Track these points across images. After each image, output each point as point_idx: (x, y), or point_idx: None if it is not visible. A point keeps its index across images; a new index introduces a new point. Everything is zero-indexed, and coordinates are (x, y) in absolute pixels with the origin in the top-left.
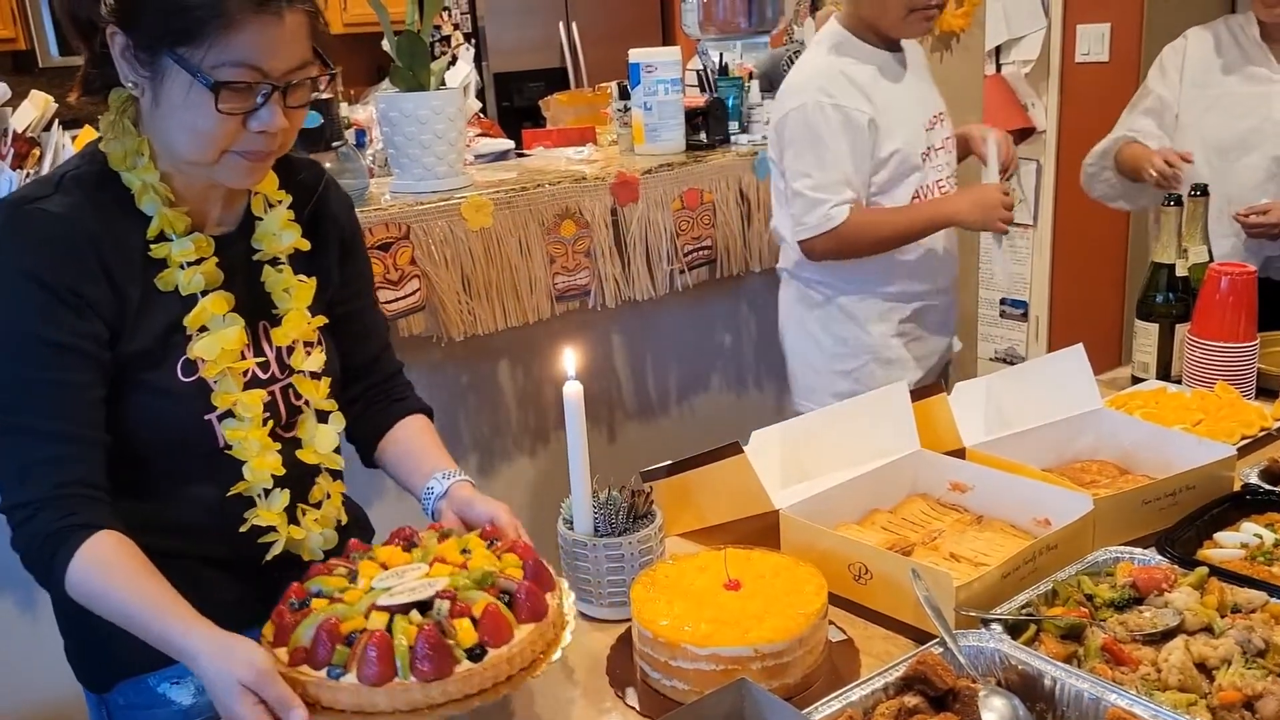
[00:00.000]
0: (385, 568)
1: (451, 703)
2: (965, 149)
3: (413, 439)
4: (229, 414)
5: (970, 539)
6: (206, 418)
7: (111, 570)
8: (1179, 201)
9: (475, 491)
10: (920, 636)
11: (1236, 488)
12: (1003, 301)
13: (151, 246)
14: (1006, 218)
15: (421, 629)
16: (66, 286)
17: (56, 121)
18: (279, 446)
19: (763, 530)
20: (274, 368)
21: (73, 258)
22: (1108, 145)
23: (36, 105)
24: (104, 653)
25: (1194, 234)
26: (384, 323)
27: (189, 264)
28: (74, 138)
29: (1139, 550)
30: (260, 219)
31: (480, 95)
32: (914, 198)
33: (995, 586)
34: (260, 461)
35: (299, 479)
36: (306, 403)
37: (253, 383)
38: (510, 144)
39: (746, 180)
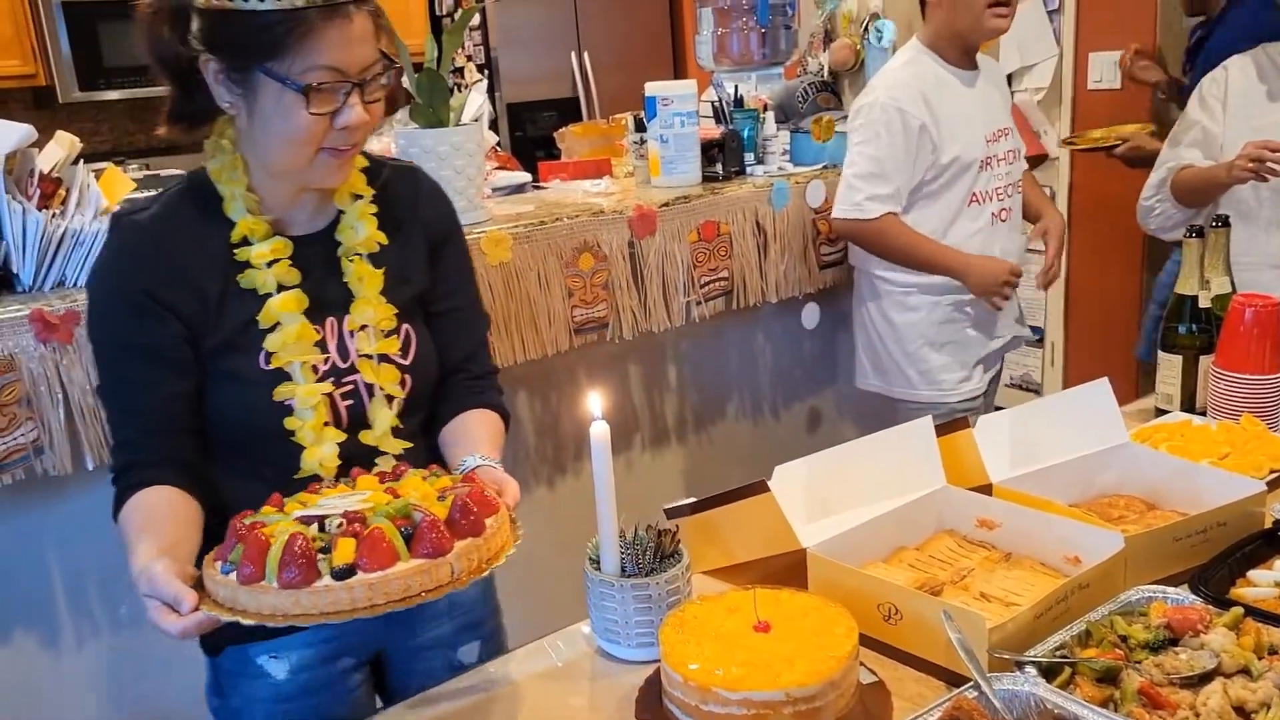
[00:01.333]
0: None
1: (305, 615)
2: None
3: (469, 426)
4: (294, 405)
5: (1000, 578)
6: (279, 405)
7: (134, 511)
8: (1200, 233)
9: (497, 472)
10: (951, 678)
11: (1268, 524)
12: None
13: (235, 250)
14: (1003, 297)
15: (294, 538)
16: (145, 291)
17: (81, 160)
18: (342, 438)
19: (789, 568)
20: (354, 357)
21: (152, 264)
22: (1162, 176)
23: (62, 145)
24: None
25: (1216, 265)
26: (482, 324)
27: (266, 265)
28: (98, 175)
29: (1172, 589)
30: (344, 214)
31: (494, 126)
32: (970, 201)
33: (1028, 627)
34: (313, 452)
35: (361, 462)
36: (376, 389)
37: (328, 374)
38: (527, 177)
39: (763, 211)
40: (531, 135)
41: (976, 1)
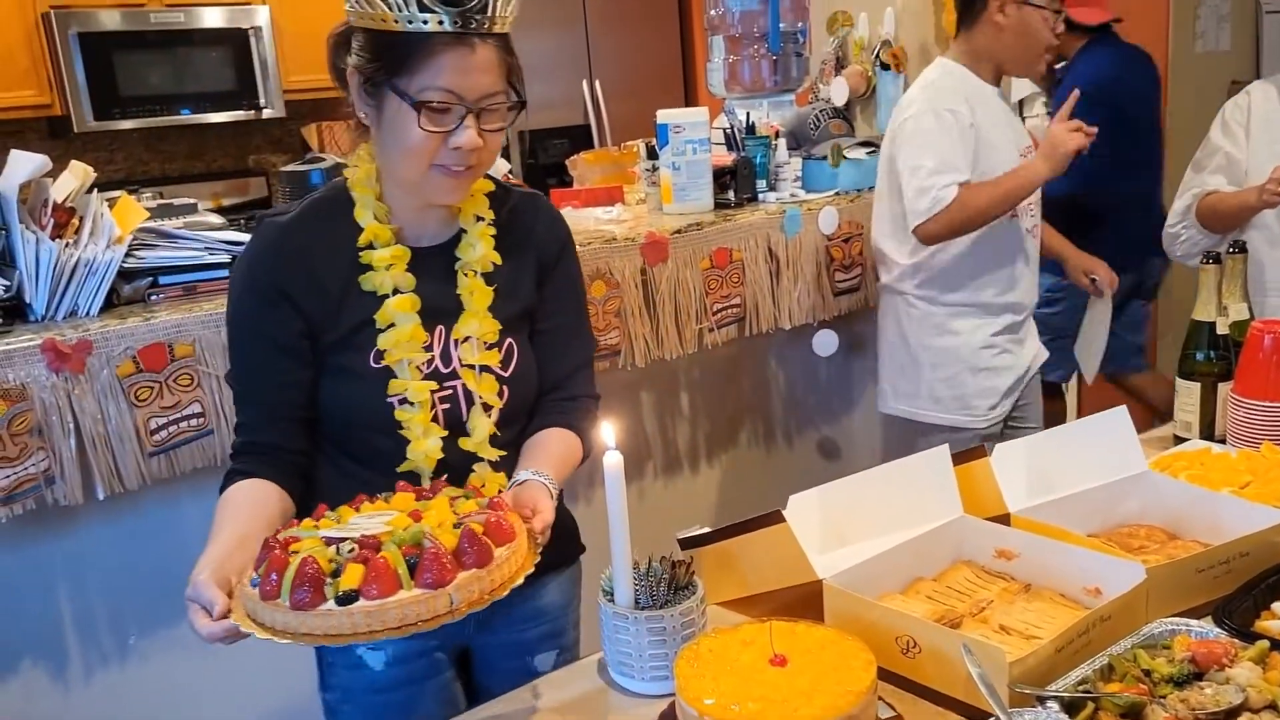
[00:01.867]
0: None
1: (310, 635)
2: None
3: (541, 441)
4: (405, 400)
5: (1020, 610)
6: (389, 400)
7: (223, 506)
8: (1217, 259)
9: (542, 490)
10: (972, 713)
11: None
12: None
13: (360, 253)
14: (1077, 140)
15: (305, 562)
16: (276, 286)
17: (95, 189)
18: (445, 433)
19: (804, 599)
20: (456, 365)
21: (285, 262)
22: (1187, 202)
23: (76, 175)
24: None
25: (1233, 291)
26: (584, 347)
27: (386, 268)
28: (111, 204)
29: (1195, 622)
30: (465, 232)
31: (506, 153)
32: (1010, 215)
33: (1049, 661)
34: (419, 444)
35: (460, 468)
36: (476, 397)
37: (429, 376)
38: None
39: (775, 238)
40: (543, 162)
41: (1040, 43)
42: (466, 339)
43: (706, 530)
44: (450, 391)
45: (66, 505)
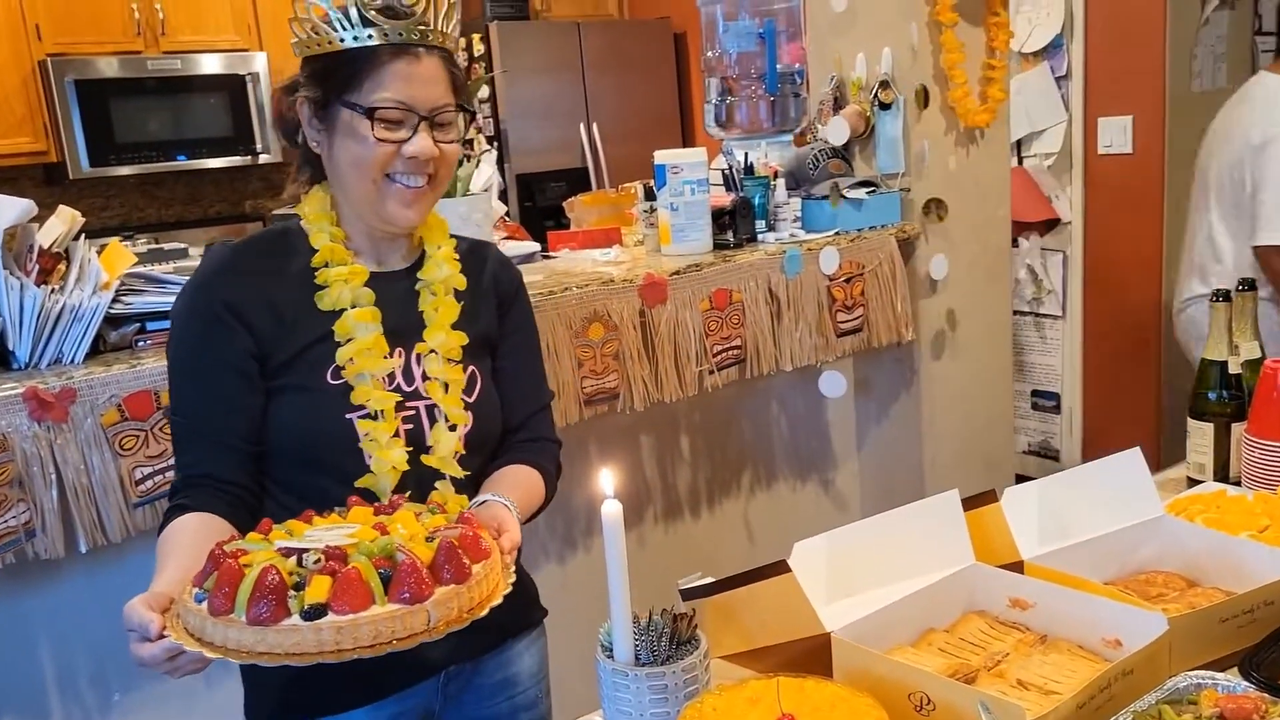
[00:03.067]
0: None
1: (270, 654)
2: None
3: (503, 474)
4: (367, 414)
5: (1037, 663)
6: (348, 416)
7: (164, 542)
8: (1227, 297)
9: (505, 511)
10: None
11: None
12: (1034, 393)
13: (316, 273)
14: None
15: (266, 571)
16: (223, 302)
17: (83, 236)
18: (409, 448)
19: (811, 652)
20: (418, 383)
21: (232, 278)
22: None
23: (63, 220)
24: (276, 698)
25: (1244, 329)
26: (542, 391)
27: (344, 282)
28: (99, 251)
29: (1221, 675)
30: (427, 256)
31: (503, 196)
32: None
33: (1071, 718)
34: (385, 454)
35: (421, 487)
36: (440, 412)
37: (394, 392)
38: (536, 246)
39: (775, 279)
40: (540, 205)
41: None
42: (431, 352)
43: (709, 580)
44: (412, 411)
45: (48, 559)
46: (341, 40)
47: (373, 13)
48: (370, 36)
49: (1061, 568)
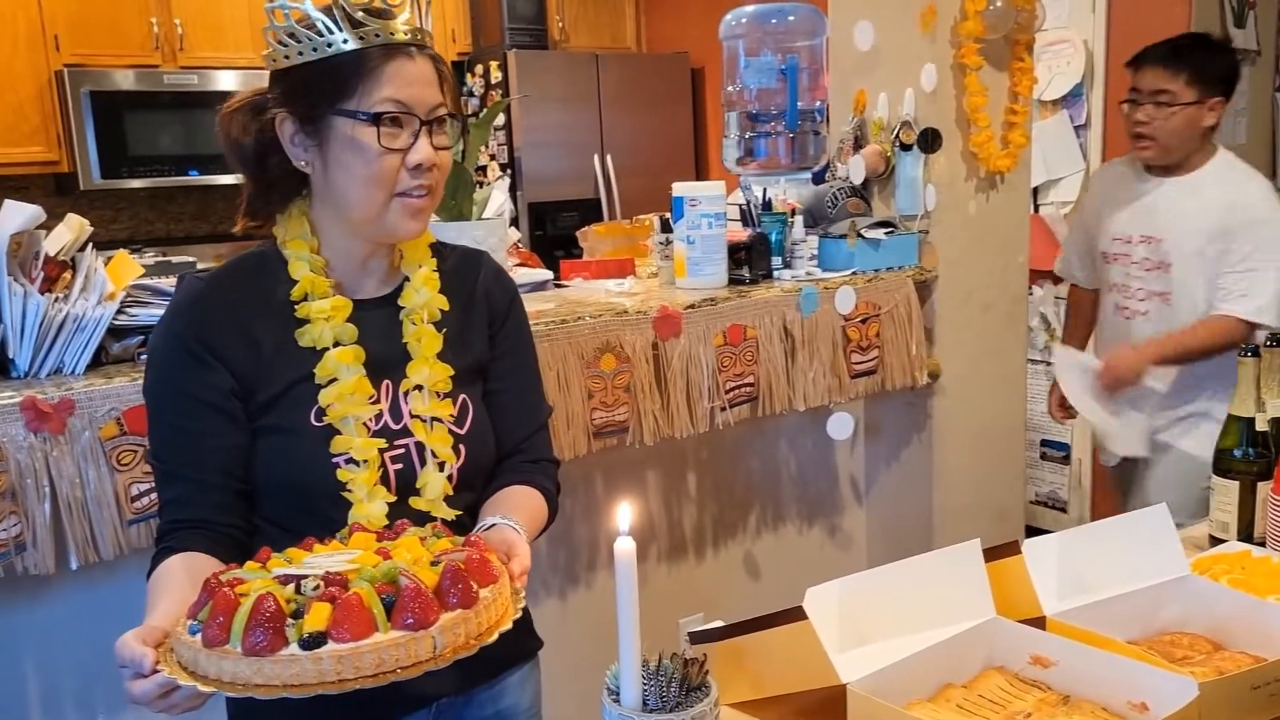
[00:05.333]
0: None
1: (267, 686)
2: None
3: (505, 495)
4: (350, 460)
5: None
6: (334, 461)
7: (155, 582)
8: (1255, 352)
9: (515, 534)
10: None
11: None
12: (1044, 443)
13: (296, 307)
14: None
15: (263, 599)
16: (200, 340)
17: (91, 245)
18: (392, 498)
19: (824, 702)
20: (406, 420)
21: (209, 313)
22: None
23: (71, 228)
24: None
25: (1272, 385)
26: (540, 409)
27: (325, 319)
28: (107, 261)
29: None
30: (408, 280)
31: (514, 224)
32: None
33: None
34: (362, 508)
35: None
36: (429, 451)
37: (379, 434)
38: (549, 274)
39: (790, 317)
40: (551, 235)
41: None
42: (417, 388)
43: (718, 624)
44: (402, 450)
45: (37, 574)
46: (329, 45)
47: (360, 14)
48: (361, 39)
49: (1084, 625)
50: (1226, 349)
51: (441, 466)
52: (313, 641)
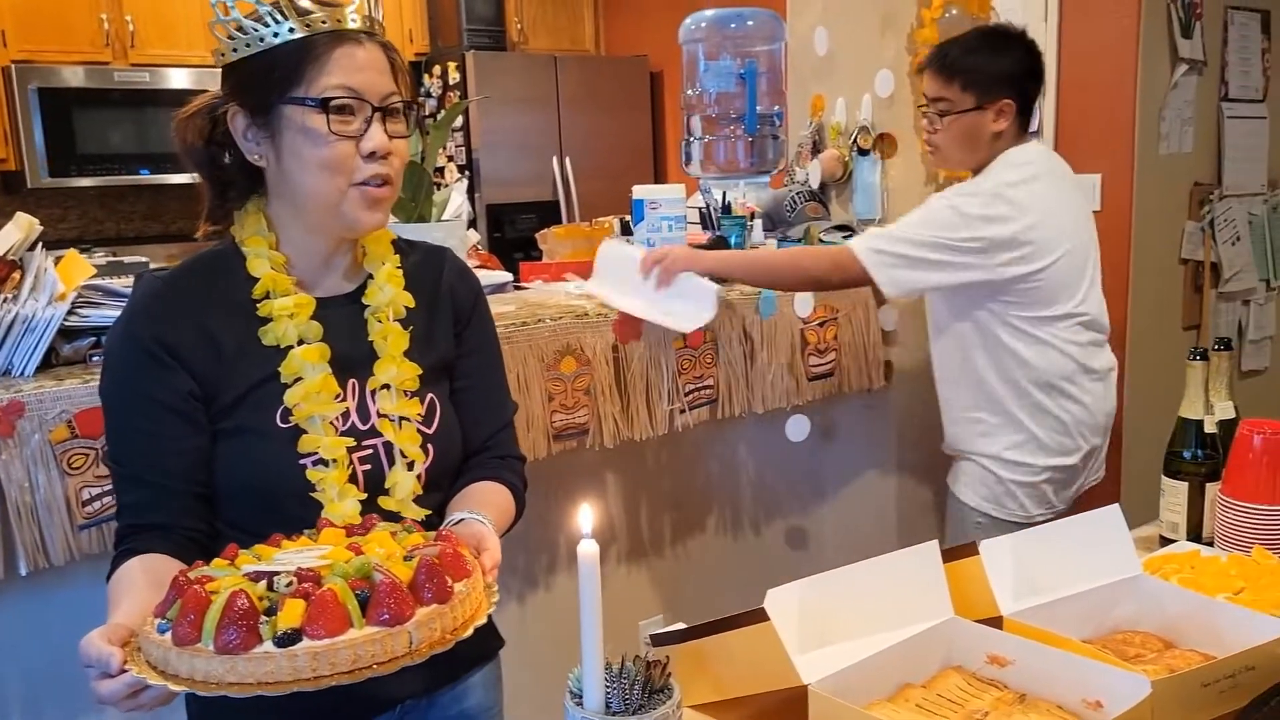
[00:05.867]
0: None
1: (240, 684)
2: None
3: (472, 491)
4: (319, 460)
5: None
6: (301, 462)
7: (115, 584)
8: (1204, 355)
9: (484, 529)
10: None
11: None
12: None
13: (258, 305)
14: None
15: (235, 596)
16: (158, 340)
17: (41, 244)
18: (363, 496)
19: (784, 703)
20: (374, 419)
21: (167, 312)
22: None
23: (20, 227)
24: None
25: (1219, 389)
26: (506, 407)
27: (289, 317)
28: (57, 261)
29: None
30: (372, 277)
31: (472, 225)
32: None
33: None
34: (334, 507)
35: None
36: (398, 451)
37: (346, 434)
38: (509, 276)
39: (750, 320)
40: (510, 237)
41: None
42: (385, 387)
43: (680, 626)
44: (370, 450)
45: None
46: (275, 35)
47: (306, 2)
48: (307, 26)
49: (1039, 624)
50: (803, 278)
51: (411, 466)
52: (288, 639)
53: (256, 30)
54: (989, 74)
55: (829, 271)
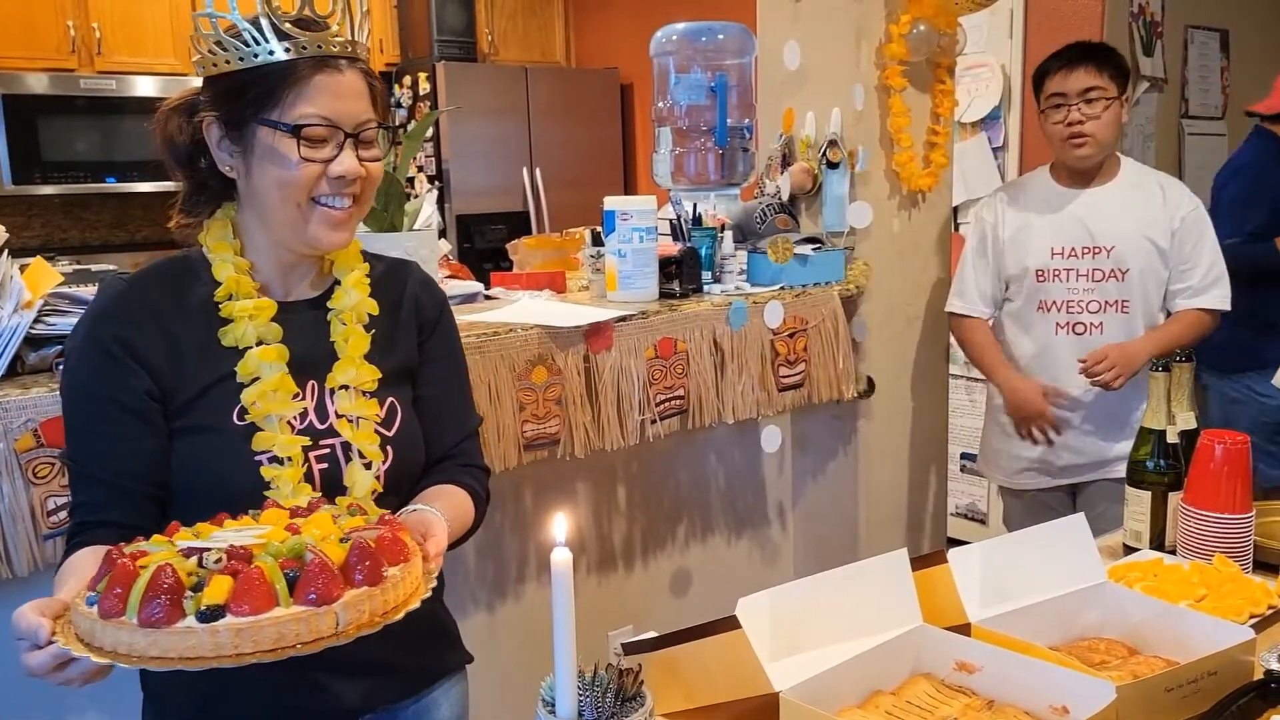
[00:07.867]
0: None
1: (162, 658)
2: None
3: (434, 491)
4: (275, 458)
5: None
6: (256, 459)
7: (63, 574)
8: (1166, 367)
9: (434, 517)
10: None
11: (1258, 674)
12: (963, 455)
13: (219, 307)
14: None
15: (161, 570)
16: (119, 340)
17: (6, 252)
18: (317, 495)
19: (756, 711)
20: (332, 420)
21: (128, 311)
22: None
23: None
24: None
25: (1181, 399)
26: (470, 418)
27: (249, 319)
28: (23, 269)
29: None
30: (338, 284)
31: (442, 236)
32: None
33: None
34: (289, 503)
35: None
36: (355, 451)
37: (304, 433)
38: (479, 286)
39: (720, 330)
40: (479, 247)
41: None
42: (344, 387)
43: (650, 635)
44: (328, 450)
45: None
46: (255, 56)
47: (288, 25)
48: (287, 50)
49: (1007, 631)
50: (1198, 341)
51: (369, 466)
52: (210, 614)
53: (238, 48)
54: (1124, 67)
55: (1211, 326)
